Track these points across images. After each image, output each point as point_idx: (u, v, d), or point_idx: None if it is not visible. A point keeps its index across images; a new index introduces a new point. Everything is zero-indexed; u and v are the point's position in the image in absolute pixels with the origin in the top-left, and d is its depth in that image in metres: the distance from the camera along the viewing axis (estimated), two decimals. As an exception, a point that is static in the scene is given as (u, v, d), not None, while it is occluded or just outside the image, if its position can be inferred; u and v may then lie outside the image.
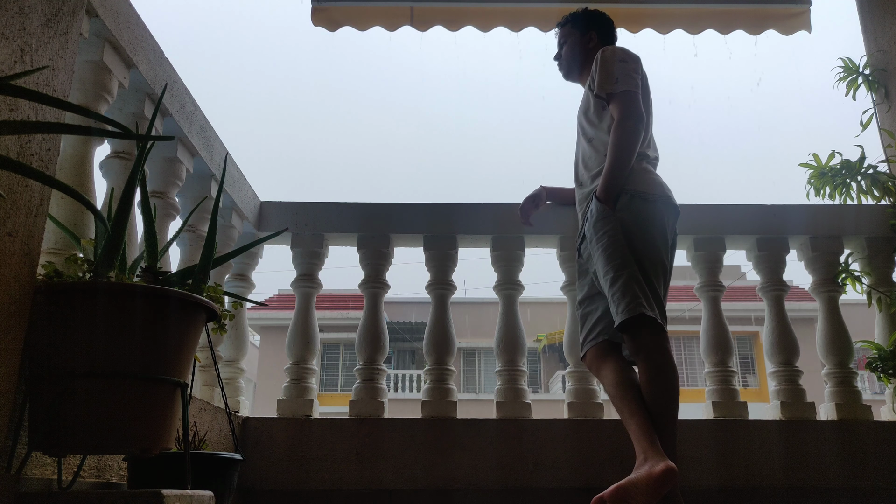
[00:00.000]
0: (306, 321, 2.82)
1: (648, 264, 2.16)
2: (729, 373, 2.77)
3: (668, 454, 1.93)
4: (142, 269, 1.42)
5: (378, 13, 3.91)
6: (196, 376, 2.40)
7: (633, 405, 2.04)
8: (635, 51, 2.44)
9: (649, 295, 2.11)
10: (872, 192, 3.18)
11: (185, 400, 1.38)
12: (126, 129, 1.24)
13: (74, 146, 1.75)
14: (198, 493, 1.37)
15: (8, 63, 1.23)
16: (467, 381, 20.37)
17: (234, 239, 2.74)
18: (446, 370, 2.75)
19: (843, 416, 2.69)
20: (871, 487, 2.55)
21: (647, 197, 2.24)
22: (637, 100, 2.28)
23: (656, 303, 2.12)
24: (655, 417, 2.01)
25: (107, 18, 1.74)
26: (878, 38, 3.51)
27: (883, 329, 2.89)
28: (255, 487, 2.53)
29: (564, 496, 2.40)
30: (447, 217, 2.87)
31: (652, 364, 2.08)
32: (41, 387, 1.25)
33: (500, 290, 2.87)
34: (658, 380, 2.06)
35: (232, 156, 2.59)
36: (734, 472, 2.57)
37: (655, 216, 2.23)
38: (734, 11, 3.90)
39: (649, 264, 2.16)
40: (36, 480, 1.37)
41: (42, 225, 1.34)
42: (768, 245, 2.91)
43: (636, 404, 2.04)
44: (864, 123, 3.41)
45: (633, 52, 2.43)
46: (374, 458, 2.56)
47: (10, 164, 1.07)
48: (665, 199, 2.29)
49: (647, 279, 2.14)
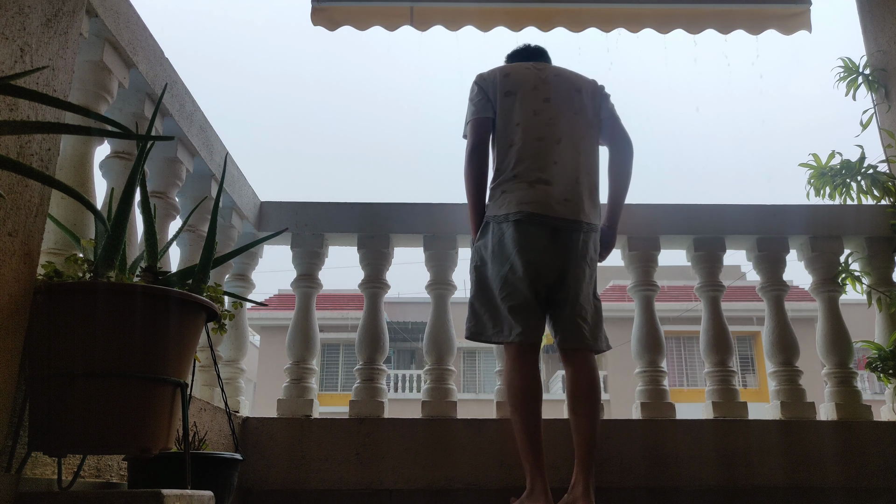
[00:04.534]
0: (306, 321, 2.81)
1: (494, 286, 2.29)
2: (729, 373, 2.77)
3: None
4: (142, 269, 1.42)
5: (378, 13, 3.90)
6: (196, 376, 2.40)
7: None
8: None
9: (482, 316, 2.32)
10: (872, 192, 3.18)
11: (185, 400, 1.38)
12: (126, 129, 1.24)
13: (74, 146, 1.75)
14: (198, 493, 1.36)
15: (8, 63, 1.23)
16: (467, 381, 20.36)
17: (234, 239, 2.74)
18: (446, 370, 2.75)
19: (843, 416, 2.69)
20: (871, 487, 2.55)
21: (496, 223, 2.31)
22: (470, 130, 2.42)
23: (492, 320, 2.29)
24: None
25: (107, 18, 1.74)
26: (878, 38, 3.51)
27: (883, 329, 2.89)
28: (255, 487, 2.53)
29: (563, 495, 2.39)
30: (447, 217, 2.87)
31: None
32: (41, 387, 1.25)
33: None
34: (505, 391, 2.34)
35: (232, 156, 2.59)
36: (734, 472, 2.57)
37: (494, 235, 2.30)
38: (734, 11, 3.90)
39: (494, 286, 2.29)
40: (36, 480, 1.37)
41: (42, 225, 1.34)
42: (768, 245, 2.90)
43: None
44: (864, 123, 3.41)
45: (485, 72, 2.49)
46: (374, 458, 2.56)
47: (10, 164, 1.07)
48: (509, 215, 2.27)
49: (491, 303, 2.30)
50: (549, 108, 2.39)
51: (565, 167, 2.31)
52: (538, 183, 2.28)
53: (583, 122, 2.42)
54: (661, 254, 2.92)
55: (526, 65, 2.52)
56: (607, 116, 2.50)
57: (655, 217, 2.90)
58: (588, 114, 2.44)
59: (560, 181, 2.29)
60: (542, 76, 2.47)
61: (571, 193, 2.29)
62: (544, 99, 2.41)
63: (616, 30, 3.90)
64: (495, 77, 2.45)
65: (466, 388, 20.07)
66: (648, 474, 2.54)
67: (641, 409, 2.69)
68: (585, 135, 2.41)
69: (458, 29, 3.92)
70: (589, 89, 2.50)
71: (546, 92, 2.42)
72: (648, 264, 2.86)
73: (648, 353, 2.75)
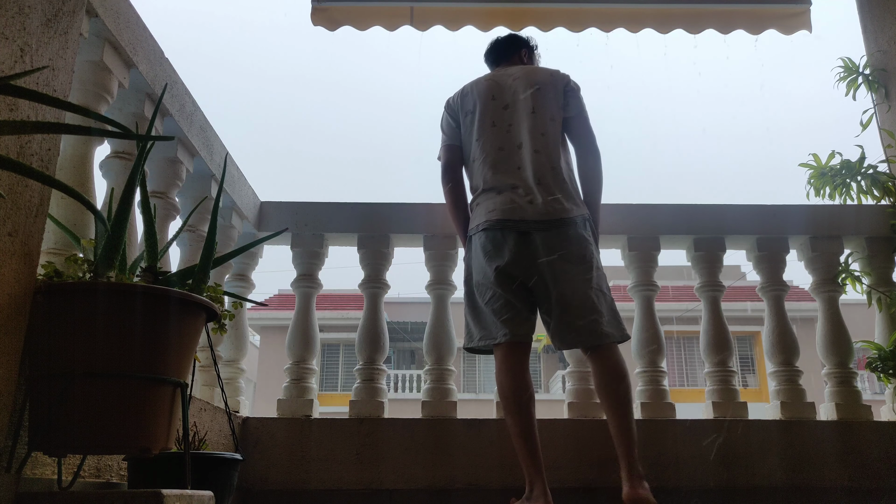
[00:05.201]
0: (306, 321, 2.81)
1: (478, 294, 2.34)
2: (729, 373, 2.77)
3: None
4: (142, 269, 1.42)
5: (378, 13, 3.90)
6: (196, 376, 2.40)
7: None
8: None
9: (471, 325, 2.37)
10: (872, 192, 3.18)
11: (185, 400, 1.38)
12: (126, 129, 1.24)
13: (74, 146, 1.75)
14: (198, 493, 1.36)
15: (8, 63, 1.23)
16: (467, 381, 20.36)
17: (234, 239, 2.74)
18: (446, 370, 2.75)
19: (843, 416, 2.69)
20: (871, 487, 2.55)
21: (472, 235, 2.39)
22: (441, 155, 2.58)
23: (479, 326, 2.33)
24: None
25: (107, 18, 1.74)
26: (878, 38, 3.51)
27: (883, 329, 2.89)
28: (255, 487, 2.53)
29: (564, 496, 2.39)
30: (447, 217, 2.87)
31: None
32: (41, 387, 1.25)
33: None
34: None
35: (232, 156, 2.59)
36: (734, 472, 2.57)
37: (474, 248, 2.36)
38: (734, 11, 3.90)
39: (478, 293, 2.34)
40: (36, 480, 1.37)
41: (42, 225, 1.34)
42: (768, 245, 2.90)
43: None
44: (864, 123, 3.41)
45: (451, 96, 2.61)
46: (374, 458, 2.56)
47: (10, 164, 1.07)
48: (479, 226, 2.33)
49: (478, 310, 2.34)
50: (507, 115, 2.43)
51: (529, 169, 2.33)
52: (504, 190, 2.33)
53: (543, 120, 2.41)
54: (661, 254, 2.92)
55: (487, 76, 2.60)
56: (574, 115, 2.47)
57: (655, 217, 2.90)
58: (549, 110, 2.43)
59: (525, 184, 2.31)
60: (501, 83, 2.51)
61: (538, 194, 2.29)
62: (503, 107, 2.45)
63: (616, 30, 3.90)
64: (457, 100, 2.58)
65: (466, 388, 20.08)
66: (648, 474, 2.53)
67: (641, 409, 2.69)
68: (547, 132, 2.40)
69: (458, 29, 3.92)
70: (552, 84, 2.47)
71: (504, 99, 2.46)
72: (648, 264, 2.86)
73: (648, 353, 2.75)
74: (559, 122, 2.44)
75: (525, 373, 2.27)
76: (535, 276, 2.26)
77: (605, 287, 2.33)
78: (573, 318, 2.24)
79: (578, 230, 2.29)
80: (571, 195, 2.34)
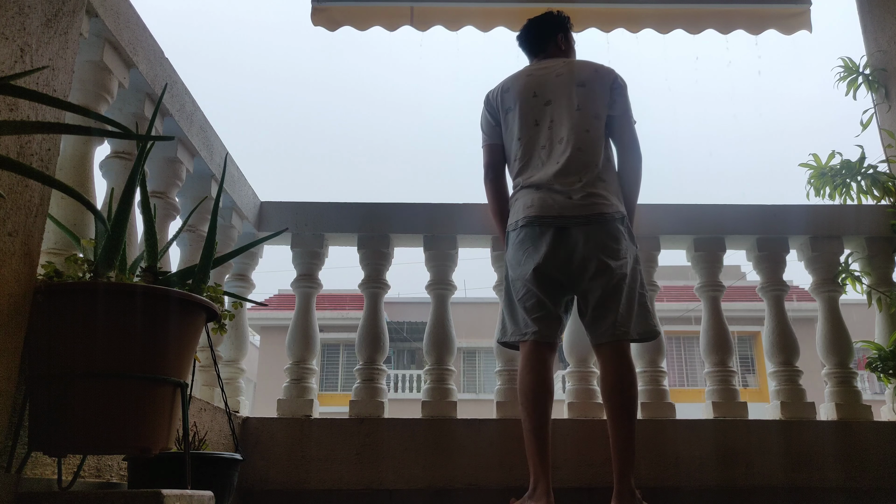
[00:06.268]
0: (306, 321, 2.81)
1: (513, 290, 2.36)
2: (729, 373, 2.77)
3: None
4: (142, 269, 1.42)
5: (378, 13, 3.91)
6: (196, 376, 2.40)
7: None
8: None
9: (506, 319, 2.39)
10: (872, 192, 3.18)
11: (185, 400, 1.38)
12: (126, 129, 1.24)
13: (74, 146, 1.75)
14: (198, 493, 1.36)
15: (8, 63, 1.23)
16: (467, 381, 20.36)
17: (234, 239, 2.74)
18: (446, 370, 2.75)
19: (843, 416, 2.68)
20: (871, 487, 2.55)
21: (509, 231, 2.39)
22: (483, 154, 2.57)
23: (512, 321, 2.35)
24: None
25: (107, 18, 1.74)
26: (878, 38, 3.51)
27: (883, 329, 2.89)
28: (255, 487, 2.52)
29: (565, 496, 2.39)
30: (447, 217, 2.87)
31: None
32: (41, 387, 1.25)
33: (499, 289, 2.87)
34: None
35: (232, 156, 2.59)
36: (734, 472, 2.57)
37: (511, 244, 2.38)
38: (734, 11, 3.90)
39: (514, 290, 2.35)
40: (36, 480, 1.37)
41: (42, 225, 1.34)
42: (768, 245, 2.90)
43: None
44: (864, 123, 3.41)
45: (490, 91, 2.58)
46: (374, 458, 2.56)
47: (10, 164, 1.07)
48: (517, 222, 2.33)
49: (513, 306, 2.35)
50: (550, 111, 2.40)
51: (570, 167, 2.30)
52: (542, 187, 2.31)
53: (588, 117, 2.37)
54: (661, 254, 2.92)
55: (527, 70, 2.54)
56: (618, 115, 2.43)
57: (655, 217, 2.89)
58: (594, 108, 2.39)
59: (563, 180, 2.28)
60: (543, 79, 2.46)
61: (576, 190, 2.27)
62: (545, 103, 2.42)
63: (616, 30, 3.90)
64: (497, 96, 2.54)
65: (466, 388, 20.07)
66: (648, 474, 2.54)
67: (641, 409, 2.69)
68: (590, 128, 2.36)
69: (458, 29, 3.92)
70: (598, 81, 2.43)
71: (546, 95, 2.43)
72: (649, 264, 2.86)
73: (649, 353, 2.75)
74: (603, 119, 2.40)
75: (548, 371, 2.27)
76: (574, 271, 2.25)
77: (639, 283, 2.30)
78: (604, 311, 2.22)
79: (616, 225, 2.27)
80: (611, 192, 2.32)
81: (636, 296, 2.28)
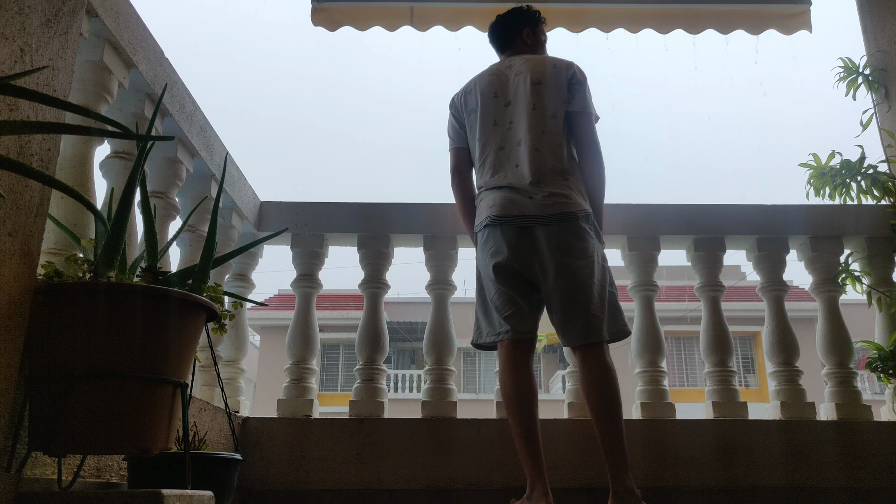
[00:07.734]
0: (306, 321, 2.81)
1: (486, 291, 2.36)
2: (729, 373, 2.77)
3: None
4: (142, 269, 1.42)
5: (378, 13, 3.91)
6: (196, 376, 2.40)
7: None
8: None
9: (480, 320, 2.39)
10: (872, 192, 3.18)
11: (185, 400, 1.38)
12: (126, 129, 1.24)
13: (74, 146, 1.75)
14: (198, 493, 1.36)
15: (8, 63, 1.23)
16: (467, 381, 20.35)
17: (234, 239, 2.74)
18: (446, 370, 2.75)
19: (843, 416, 2.68)
20: (870, 487, 2.55)
21: (476, 233, 2.41)
22: (450, 157, 2.59)
23: (486, 322, 2.35)
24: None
25: (107, 18, 1.74)
26: (878, 38, 3.51)
27: (883, 329, 2.89)
28: (255, 487, 2.52)
29: (565, 496, 2.39)
30: (447, 217, 2.87)
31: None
32: (41, 387, 1.25)
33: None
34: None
35: (232, 156, 2.59)
36: (734, 472, 2.57)
37: (478, 246, 2.39)
38: (734, 11, 3.90)
39: (486, 291, 2.36)
40: (36, 480, 1.37)
41: (42, 225, 1.34)
42: (768, 245, 2.90)
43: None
44: (864, 123, 3.41)
45: (454, 95, 2.61)
46: (374, 458, 2.56)
47: (10, 164, 1.07)
48: (482, 223, 2.35)
49: (486, 306, 2.36)
50: (509, 112, 2.41)
51: (528, 168, 2.28)
52: (504, 187, 2.32)
53: (544, 117, 2.35)
54: (661, 254, 2.92)
55: (490, 70, 2.55)
56: (577, 111, 2.37)
57: (655, 217, 2.89)
58: (551, 106, 2.36)
59: (523, 180, 2.28)
60: (503, 78, 2.47)
61: (537, 189, 2.25)
62: (505, 104, 2.43)
63: (616, 30, 3.90)
64: (461, 98, 2.57)
65: (466, 388, 20.07)
66: (648, 474, 2.54)
67: (641, 409, 2.69)
68: (548, 129, 2.33)
69: (458, 29, 3.92)
70: (555, 77, 2.39)
71: (506, 96, 2.44)
72: (648, 264, 2.86)
73: (648, 353, 2.75)
74: (561, 117, 2.36)
75: (528, 371, 2.26)
76: (538, 271, 2.24)
77: (608, 282, 2.27)
78: (574, 313, 2.19)
79: (580, 224, 2.24)
80: (574, 190, 2.29)
81: (607, 294, 2.25)
